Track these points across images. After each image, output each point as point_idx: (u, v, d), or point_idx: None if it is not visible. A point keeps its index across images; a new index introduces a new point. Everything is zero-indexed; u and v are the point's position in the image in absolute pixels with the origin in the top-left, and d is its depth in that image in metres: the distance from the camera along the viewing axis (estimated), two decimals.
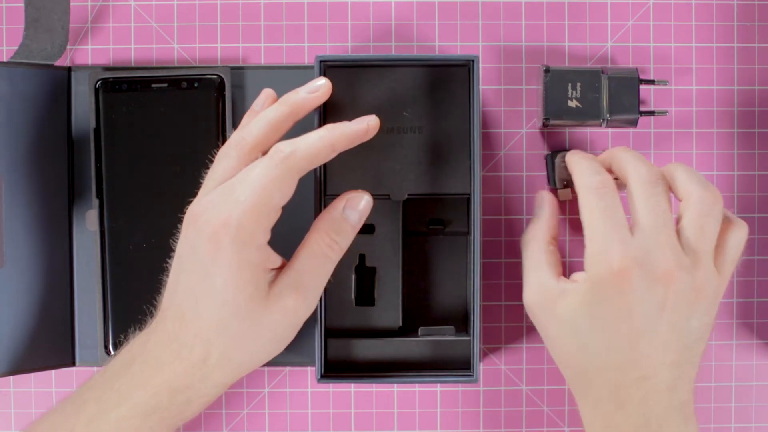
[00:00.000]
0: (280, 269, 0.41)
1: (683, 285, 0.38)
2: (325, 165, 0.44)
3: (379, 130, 0.43)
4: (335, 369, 0.47)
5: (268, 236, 0.39)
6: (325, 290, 0.45)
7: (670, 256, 0.38)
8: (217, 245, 0.38)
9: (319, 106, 0.43)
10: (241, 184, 0.38)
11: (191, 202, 0.41)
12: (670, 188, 0.41)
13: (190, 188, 0.49)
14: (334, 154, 0.40)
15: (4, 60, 0.49)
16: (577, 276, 0.41)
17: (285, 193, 0.39)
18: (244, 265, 0.38)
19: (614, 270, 0.38)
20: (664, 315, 0.38)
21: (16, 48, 0.48)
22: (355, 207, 0.41)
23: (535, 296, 0.42)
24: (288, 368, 0.52)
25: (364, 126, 0.41)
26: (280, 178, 0.38)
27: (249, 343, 0.40)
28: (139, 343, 0.41)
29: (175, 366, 0.39)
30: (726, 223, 0.41)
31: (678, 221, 0.40)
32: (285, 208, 0.40)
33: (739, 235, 0.41)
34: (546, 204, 0.45)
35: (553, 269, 0.42)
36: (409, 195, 0.46)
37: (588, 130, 0.52)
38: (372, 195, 0.43)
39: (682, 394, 0.39)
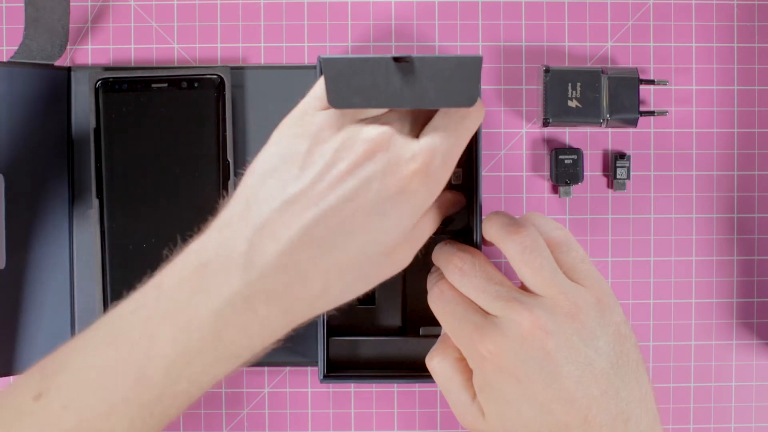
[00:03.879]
0: None
1: (555, 326, 0.36)
2: None
3: None
4: (336, 369, 0.47)
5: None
6: None
7: (527, 312, 0.36)
8: (406, 189, 0.35)
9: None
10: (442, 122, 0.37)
11: (191, 202, 0.39)
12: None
13: (190, 188, 0.49)
14: None
15: (4, 60, 0.49)
16: None
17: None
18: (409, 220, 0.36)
19: (494, 362, 0.37)
20: (558, 364, 0.36)
21: (16, 48, 0.48)
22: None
23: (466, 418, 0.40)
24: (288, 368, 0.52)
25: None
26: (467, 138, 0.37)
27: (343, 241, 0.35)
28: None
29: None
30: (551, 236, 0.39)
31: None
32: None
33: (568, 243, 0.39)
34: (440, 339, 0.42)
35: (469, 387, 0.39)
36: None
37: (588, 130, 0.52)
38: None
39: (634, 410, 0.37)
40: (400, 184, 0.35)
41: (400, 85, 0.39)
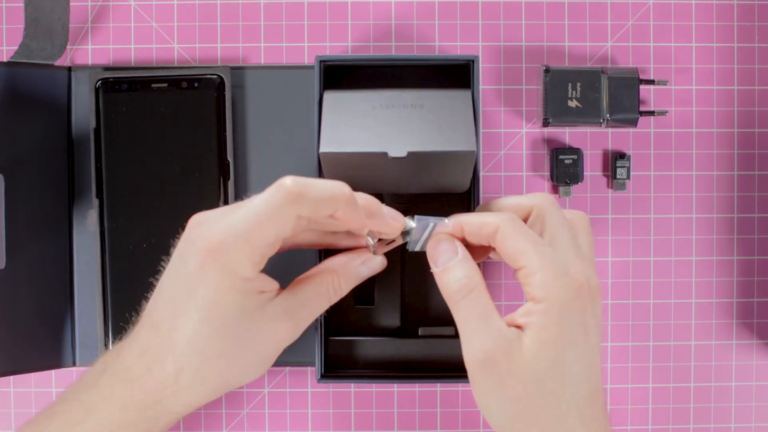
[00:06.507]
0: (277, 290, 0.39)
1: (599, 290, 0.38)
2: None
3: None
4: (335, 368, 0.47)
5: (260, 267, 0.37)
6: None
7: (592, 267, 0.38)
8: (204, 266, 0.36)
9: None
10: (240, 208, 0.37)
11: (191, 202, 0.40)
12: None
13: (190, 188, 0.49)
14: (339, 214, 0.37)
15: (4, 60, 0.49)
16: (518, 318, 0.37)
17: (280, 228, 0.36)
18: (231, 291, 0.37)
19: (576, 290, 0.36)
20: (596, 330, 0.38)
21: (16, 48, 0.48)
22: (368, 266, 0.41)
23: (494, 345, 0.37)
24: (288, 368, 0.52)
25: (392, 224, 0.39)
26: (278, 213, 0.36)
27: (228, 364, 0.38)
28: (113, 353, 0.40)
29: (145, 380, 0.38)
30: (573, 219, 0.40)
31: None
32: None
33: (587, 227, 0.41)
34: (457, 246, 0.39)
35: (499, 316, 0.38)
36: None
37: (588, 130, 0.52)
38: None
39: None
40: (199, 260, 0.37)
41: (397, 176, 0.40)
